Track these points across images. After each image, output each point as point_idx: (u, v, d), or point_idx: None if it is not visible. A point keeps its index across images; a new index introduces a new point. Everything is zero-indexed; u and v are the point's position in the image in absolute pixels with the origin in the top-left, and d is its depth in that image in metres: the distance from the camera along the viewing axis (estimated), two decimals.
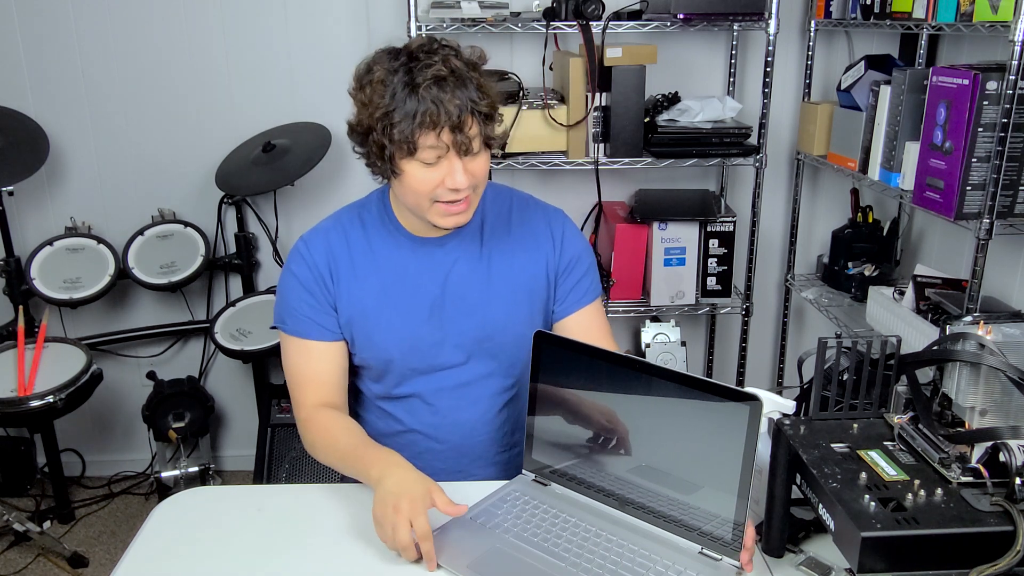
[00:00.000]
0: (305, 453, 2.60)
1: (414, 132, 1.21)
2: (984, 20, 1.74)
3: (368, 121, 1.26)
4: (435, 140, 1.23)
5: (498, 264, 1.42)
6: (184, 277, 2.53)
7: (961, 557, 0.91)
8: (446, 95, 1.20)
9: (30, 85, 2.58)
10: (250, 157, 2.52)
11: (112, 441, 2.92)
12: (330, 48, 2.59)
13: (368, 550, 1.17)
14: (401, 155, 1.25)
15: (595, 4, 2.25)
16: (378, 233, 1.41)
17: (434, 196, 1.28)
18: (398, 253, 1.40)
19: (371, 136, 1.27)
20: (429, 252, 1.40)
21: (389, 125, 1.22)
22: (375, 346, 1.39)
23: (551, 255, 1.45)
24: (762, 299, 2.81)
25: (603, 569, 1.10)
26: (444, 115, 1.20)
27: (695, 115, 2.38)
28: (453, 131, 1.22)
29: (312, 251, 1.40)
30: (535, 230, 1.45)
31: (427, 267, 1.40)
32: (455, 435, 1.46)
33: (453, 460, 1.47)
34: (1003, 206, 1.75)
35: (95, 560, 2.49)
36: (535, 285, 1.44)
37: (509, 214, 1.46)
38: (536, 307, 1.45)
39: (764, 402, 1.05)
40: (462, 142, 1.23)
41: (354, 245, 1.40)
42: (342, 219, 1.44)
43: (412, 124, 1.21)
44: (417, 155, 1.24)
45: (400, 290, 1.39)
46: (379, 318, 1.39)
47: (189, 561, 1.16)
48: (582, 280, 1.47)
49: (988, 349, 1.02)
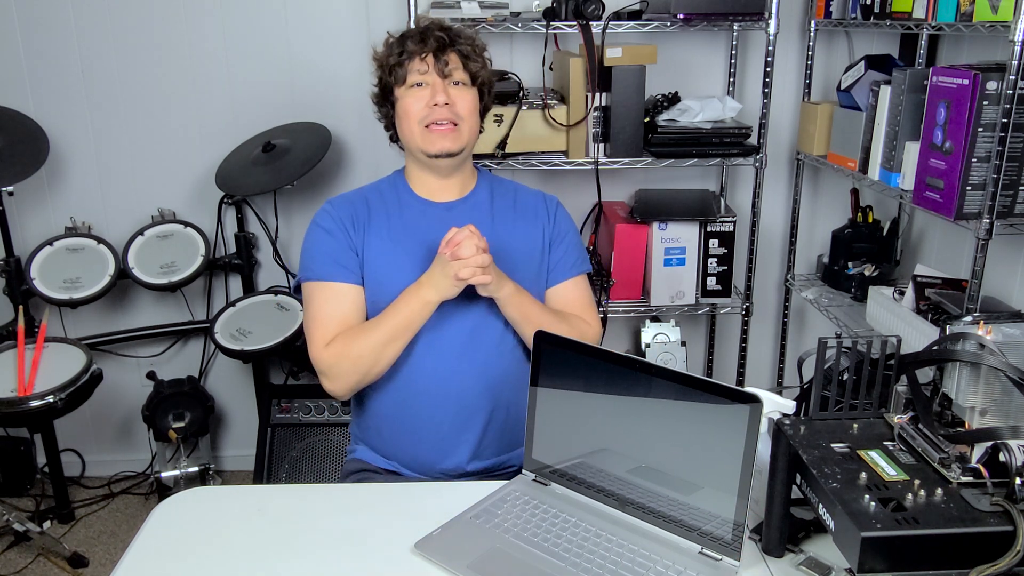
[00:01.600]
0: (305, 453, 2.62)
1: (403, 61, 1.52)
2: (984, 20, 1.74)
3: (379, 72, 1.56)
4: (419, 64, 1.51)
5: (501, 231, 1.58)
6: (184, 277, 2.53)
7: (961, 557, 0.91)
8: (430, 32, 1.53)
9: (30, 85, 2.58)
10: (250, 157, 2.52)
11: (112, 441, 2.92)
12: (330, 48, 2.59)
13: (368, 550, 1.17)
14: (397, 85, 1.54)
15: (595, 4, 2.25)
16: (392, 197, 1.60)
17: (422, 118, 1.51)
18: (410, 213, 1.58)
19: (382, 82, 1.56)
20: (439, 214, 1.58)
21: (389, 65, 1.54)
22: (388, 289, 1.51)
23: (547, 225, 1.64)
24: (762, 299, 2.81)
25: (603, 569, 1.10)
26: (429, 43, 1.51)
27: (695, 115, 2.38)
28: (435, 56, 1.51)
29: (336, 208, 1.57)
30: (534, 206, 1.65)
31: (435, 224, 1.54)
32: (454, 382, 1.51)
33: (452, 411, 1.52)
34: (1003, 206, 1.75)
35: (95, 560, 2.49)
36: (533, 252, 1.61)
37: (515, 195, 1.66)
38: (533, 272, 1.60)
39: (764, 402, 1.05)
40: (441, 67, 1.51)
41: (373, 207, 1.58)
42: (362, 191, 1.63)
43: (403, 55, 1.52)
44: (407, 81, 1.52)
45: (410, 242, 1.54)
46: (391, 264, 1.52)
47: (189, 561, 1.16)
48: (570, 252, 1.64)
49: (988, 349, 1.02)
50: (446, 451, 1.53)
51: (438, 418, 1.52)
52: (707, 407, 1.10)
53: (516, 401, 1.55)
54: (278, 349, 2.43)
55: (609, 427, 1.22)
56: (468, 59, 1.54)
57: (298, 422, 2.63)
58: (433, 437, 1.53)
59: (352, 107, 2.61)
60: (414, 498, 1.31)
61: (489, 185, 1.65)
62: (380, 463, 1.59)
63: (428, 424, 1.53)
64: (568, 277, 1.63)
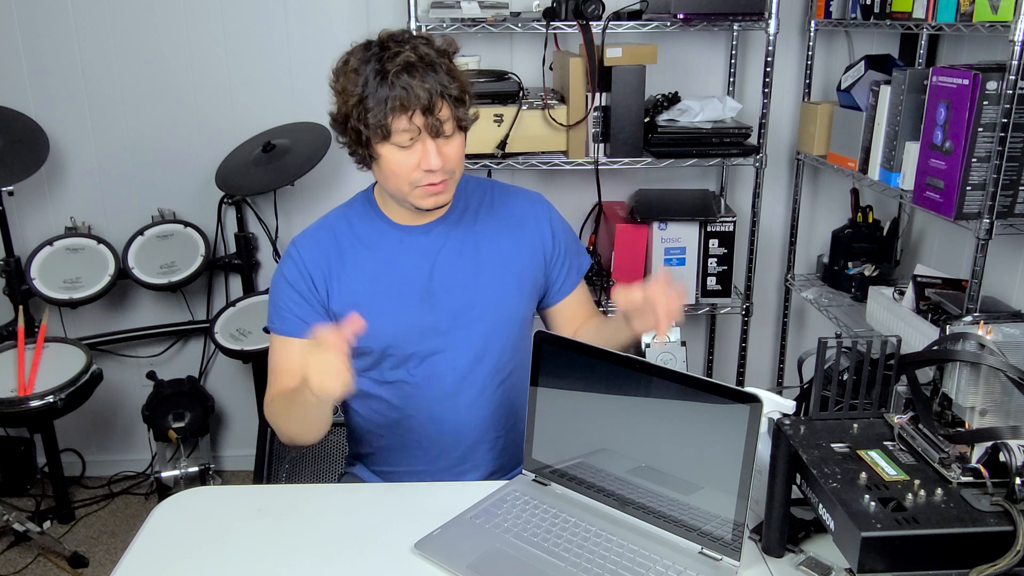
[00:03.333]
0: (305, 453, 2.62)
1: (387, 116, 1.27)
2: (984, 20, 1.74)
3: (344, 109, 1.32)
4: (407, 123, 1.28)
5: (486, 248, 1.46)
6: (184, 277, 2.53)
7: (961, 557, 0.91)
8: (415, 80, 1.26)
9: (30, 85, 2.58)
10: (250, 157, 2.52)
11: (112, 441, 2.92)
12: (330, 48, 2.52)
13: (368, 550, 1.17)
14: (377, 140, 1.31)
15: (595, 4, 2.25)
16: (364, 226, 1.45)
17: (413, 180, 1.33)
18: (385, 242, 1.44)
19: (348, 123, 1.32)
20: (415, 240, 1.44)
21: (364, 111, 1.28)
22: (370, 334, 1.39)
23: (546, 241, 1.51)
24: (762, 299, 2.81)
25: (603, 569, 1.10)
26: (414, 99, 1.26)
27: (695, 115, 2.38)
28: (424, 114, 1.28)
29: (302, 252, 1.43)
30: (520, 214, 1.51)
31: (414, 255, 1.44)
32: (450, 419, 1.47)
33: (449, 447, 1.48)
34: (1003, 206, 1.74)
35: (95, 560, 2.49)
36: (524, 268, 1.48)
37: (492, 200, 1.51)
38: (526, 289, 1.49)
39: (764, 402, 1.05)
40: (433, 124, 1.29)
41: (342, 240, 1.44)
42: (329, 219, 1.48)
43: (384, 109, 1.27)
44: (392, 139, 1.30)
45: (390, 279, 1.43)
46: (371, 306, 1.41)
47: (189, 561, 1.16)
48: (572, 260, 1.54)
49: (988, 349, 1.02)
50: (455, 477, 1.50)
51: (438, 453, 1.48)
52: (707, 407, 1.10)
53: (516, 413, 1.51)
54: None
55: (609, 427, 1.22)
56: (459, 105, 1.33)
57: None
58: (427, 462, 1.50)
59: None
60: (414, 498, 1.31)
61: (467, 197, 1.49)
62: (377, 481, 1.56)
63: (424, 443, 1.48)
64: (575, 286, 1.55)
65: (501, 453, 1.53)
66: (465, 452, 1.49)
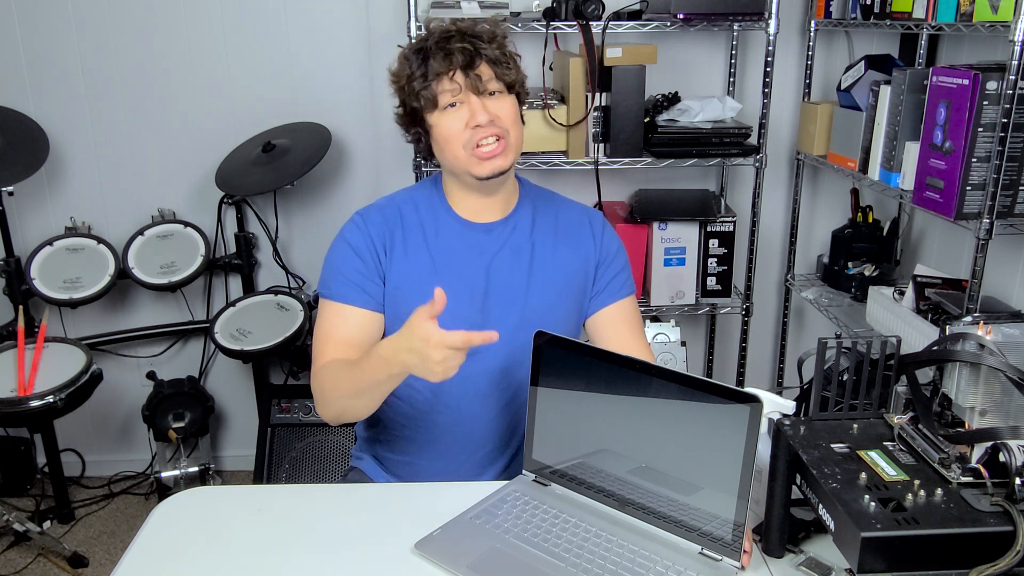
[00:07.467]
0: (305, 453, 2.62)
1: (430, 84, 1.35)
2: (984, 20, 1.74)
3: (401, 96, 1.41)
4: (449, 83, 1.35)
5: (540, 257, 1.48)
6: (184, 277, 2.53)
7: (961, 557, 0.91)
8: (453, 44, 1.35)
9: (30, 85, 2.57)
10: (250, 157, 2.52)
11: (112, 441, 2.92)
12: (330, 48, 2.59)
13: (368, 550, 1.17)
14: (428, 111, 1.38)
15: (595, 4, 2.25)
16: (429, 214, 1.47)
17: (465, 142, 1.37)
18: (447, 234, 1.46)
19: (407, 107, 1.41)
20: (475, 237, 1.46)
21: (412, 88, 1.37)
22: None
23: (591, 249, 1.51)
24: (762, 299, 2.81)
25: (603, 569, 1.10)
26: (453, 60, 1.34)
27: (695, 115, 2.38)
28: (464, 71, 1.35)
29: (368, 223, 1.45)
30: (577, 225, 1.53)
31: (472, 251, 1.45)
32: (481, 420, 1.46)
33: (475, 447, 1.48)
34: (1003, 206, 1.75)
35: (95, 560, 2.49)
36: (575, 279, 1.50)
37: (556, 213, 1.53)
38: (574, 301, 1.50)
39: (764, 402, 1.05)
40: (474, 82, 1.35)
41: (407, 222, 1.46)
42: (396, 199, 1.50)
43: (428, 77, 1.35)
44: (439, 103, 1.36)
45: (446, 270, 1.44)
46: (423, 293, 1.37)
47: (189, 561, 1.16)
48: (619, 275, 1.53)
49: (988, 349, 1.02)
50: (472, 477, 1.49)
51: (460, 452, 1.48)
52: (707, 407, 1.10)
53: None
54: (278, 349, 2.43)
55: (609, 427, 1.22)
56: (499, 64, 1.38)
57: (298, 422, 2.63)
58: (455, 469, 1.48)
59: (352, 107, 2.61)
60: (414, 498, 1.31)
61: (531, 203, 1.51)
62: (383, 480, 1.55)
63: (447, 437, 1.48)
64: (618, 299, 1.52)
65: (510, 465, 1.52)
66: (490, 454, 1.49)
